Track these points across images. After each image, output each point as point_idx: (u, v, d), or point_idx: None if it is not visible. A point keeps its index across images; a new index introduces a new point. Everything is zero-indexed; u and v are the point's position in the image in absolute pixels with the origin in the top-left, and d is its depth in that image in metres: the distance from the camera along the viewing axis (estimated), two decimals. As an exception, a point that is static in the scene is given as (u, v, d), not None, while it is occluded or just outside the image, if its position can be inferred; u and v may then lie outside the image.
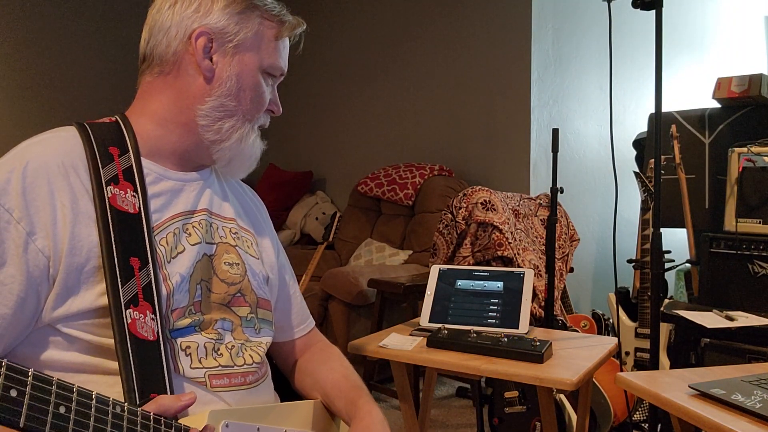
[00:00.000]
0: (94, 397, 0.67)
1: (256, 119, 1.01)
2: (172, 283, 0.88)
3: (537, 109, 3.31)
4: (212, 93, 0.96)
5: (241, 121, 0.98)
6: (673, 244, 2.37)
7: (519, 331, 1.48)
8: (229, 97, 0.96)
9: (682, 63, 4.06)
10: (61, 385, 0.64)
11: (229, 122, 0.97)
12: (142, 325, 0.83)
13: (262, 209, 1.16)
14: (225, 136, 0.97)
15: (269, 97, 1.02)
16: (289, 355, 1.16)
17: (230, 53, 0.96)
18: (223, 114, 0.97)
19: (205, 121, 0.96)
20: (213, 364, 0.90)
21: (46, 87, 3.85)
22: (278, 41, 1.00)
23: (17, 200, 0.81)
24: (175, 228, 0.93)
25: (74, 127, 0.92)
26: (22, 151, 0.86)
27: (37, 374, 0.62)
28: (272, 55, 1.00)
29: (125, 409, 0.71)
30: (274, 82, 1.04)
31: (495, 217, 2.52)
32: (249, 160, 1.02)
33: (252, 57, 0.98)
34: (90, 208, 0.85)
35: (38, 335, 0.83)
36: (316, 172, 4.38)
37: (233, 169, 1.02)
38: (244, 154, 1.00)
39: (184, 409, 0.79)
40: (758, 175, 2.28)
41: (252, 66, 0.98)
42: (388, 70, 3.95)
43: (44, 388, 0.62)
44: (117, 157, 0.90)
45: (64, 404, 0.63)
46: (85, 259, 0.83)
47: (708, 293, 2.30)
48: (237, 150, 0.99)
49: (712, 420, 0.94)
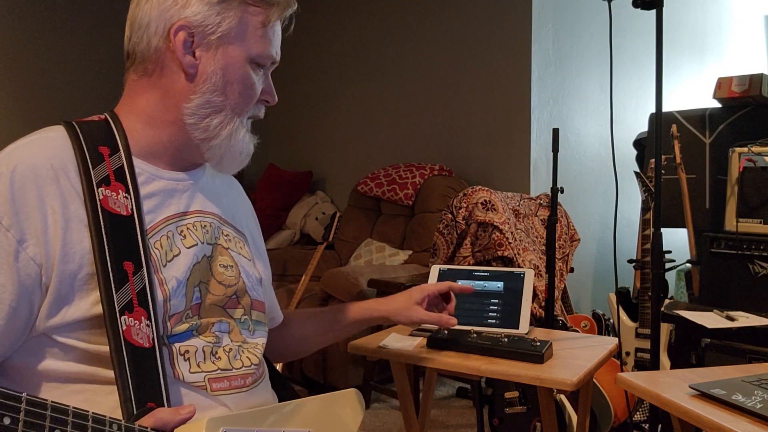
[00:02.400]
0: (90, 418, 0.66)
1: (246, 112, 0.96)
2: (168, 288, 0.86)
3: (537, 109, 3.31)
4: (197, 90, 0.91)
5: (230, 116, 0.94)
6: (673, 244, 2.37)
7: (519, 332, 1.48)
8: (215, 92, 0.92)
9: (682, 63, 4.06)
10: (55, 408, 0.62)
11: (217, 118, 0.93)
12: (137, 331, 0.81)
13: (250, 207, 1.14)
14: (214, 134, 0.93)
15: (261, 87, 0.97)
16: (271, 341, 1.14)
17: (214, 46, 0.91)
18: (211, 110, 0.92)
19: (192, 119, 0.92)
20: (212, 367, 0.89)
21: (46, 87, 3.85)
22: (266, 27, 0.94)
23: (6, 207, 0.79)
24: (168, 231, 0.90)
25: (62, 126, 0.89)
26: (9, 155, 0.83)
27: (30, 398, 0.60)
28: (260, 44, 0.94)
29: (122, 427, 0.69)
30: (267, 71, 0.98)
31: (495, 217, 2.51)
32: (240, 155, 0.97)
33: (237, 48, 0.92)
34: (81, 211, 0.83)
35: (33, 345, 0.82)
36: (316, 172, 4.38)
37: (225, 166, 0.98)
38: (234, 150, 0.96)
39: (183, 422, 0.77)
40: (759, 175, 2.28)
41: (238, 58, 0.92)
42: (388, 70, 3.95)
43: (38, 413, 0.60)
44: (107, 157, 0.87)
45: (59, 428, 0.62)
46: (78, 267, 0.81)
47: (708, 293, 2.29)
48: (227, 147, 0.95)
49: (712, 420, 0.94)
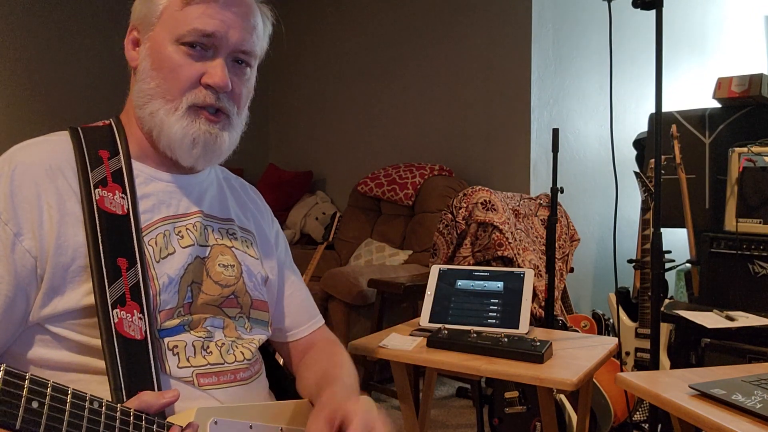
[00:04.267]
0: (70, 393, 0.67)
1: (180, 97, 0.91)
2: (159, 284, 0.88)
3: (537, 109, 3.31)
4: (136, 81, 0.95)
5: (162, 102, 0.91)
6: (673, 244, 2.37)
7: (519, 332, 1.48)
8: (145, 80, 0.92)
9: (682, 63, 4.06)
10: (34, 380, 0.63)
11: (150, 106, 0.92)
12: (130, 324, 0.83)
13: (264, 208, 1.14)
14: (152, 123, 0.92)
15: (199, 71, 0.91)
16: (291, 357, 1.12)
17: (147, 36, 0.94)
18: (146, 100, 0.92)
19: (139, 112, 0.94)
20: (202, 362, 0.90)
21: (46, 88, 3.85)
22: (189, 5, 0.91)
23: (4, 203, 0.83)
24: (165, 229, 0.92)
25: (67, 131, 0.93)
26: (11, 156, 0.87)
27: (9, 369, 0.61)
28: (183, 23, 0.90)
29: (103, 404, 0.70)
30: (218, 54, 0.92)
31: (495, 217, 2.51)
32: (186, 143, 0.91)
33: (159, 32, 0.92)
34: (77, 209, 0.86)
35: (27, 334, 0.85)
36: (316, 172, 4.38)
37: (183, 158, 0.93)
38: (175, 137, 0.91)
39: (166, 405, 0.78)
40: (758, 175, 2.28)
41: (160, 40, 0.92)
42: (388, 70, 3.95)
43: (16, 383, 0.61)
44: (106, 160, 0.91)
45: (37, 399, 0.63)
46: (70, 259, 0.84)
47: (708, 293, 2.30)
48: (167, 135, 0.91)
49: (712, 420, 0.94)
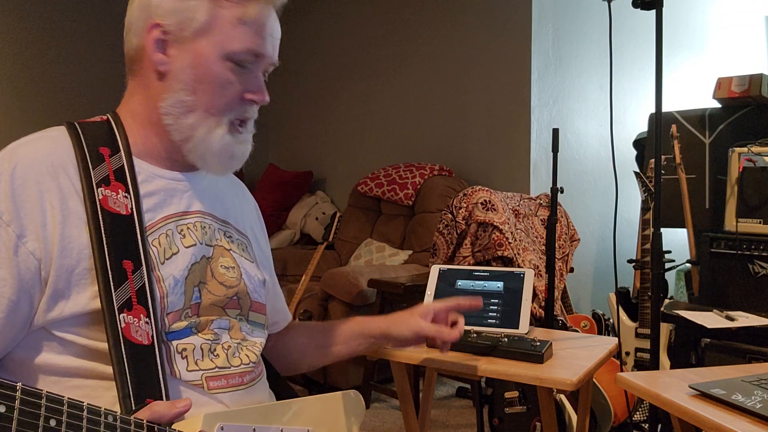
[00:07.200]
0: (85, 408, 0.66)
1: (224, 112, 0.91)
2: (166, 286, 0.86)
3: (537, 109, 3.31)
4: (169, 89, 0.90)
5: (204, 115, 0.90)
6: (673, 244, 2.37)
7: (519, 331, 1.48)
8: (185, 91, 0.89)
9: (682, 63, 4.05)
10: (50, 398, 0.63)
11: (191, 118, 0.90)
12: (137, 329, 0.81)
13: (255, 209, 1.13)
14: (189, 134, 0.90)
15: (243, 87, 0.91)
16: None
17: (185, 43, 0.89)
18: (183, 110, 0.90)
19: (168, 119, 0.91)
20: (210, 365, 0.89)
21: (46, 87, 3.85)
22: (245, 23, 0.89)
23: (6, 203, 0.80)
24: (168, 229, 0.90)
25: (65, 127, 0.90)
26: (11, 153, 0.84)
27: (26, 388, 0.61)
28: (237, 40, 0.89)
29: (117, 418, 0.70)
30: (257, 69, 0.93)
31: (495, 217, 2.51)
32: (224, 156, 0.93)
33: (209, 45, 0.88)
34: (80, 209, 0.84)
35: (32, 339, 0.82)
36: (316, 172, 4.38)
37: (211, 167, 0.95)
38: (213, 151, 0.91)
39: (178, 416, 0.78)
40: (758, 175, 2.28)
41: (209, 54, 0.89)
42: (388, 70, 3.95)
43: (33, 402, 0.61)
44: (108, 158, 0.88)
45: (54, 417, 0.63)
46: (75, 261, 0.81)
47: (708, 293, 2.29)
48: (205, 147, 0.91)
49: (712, 420, 0.94)
